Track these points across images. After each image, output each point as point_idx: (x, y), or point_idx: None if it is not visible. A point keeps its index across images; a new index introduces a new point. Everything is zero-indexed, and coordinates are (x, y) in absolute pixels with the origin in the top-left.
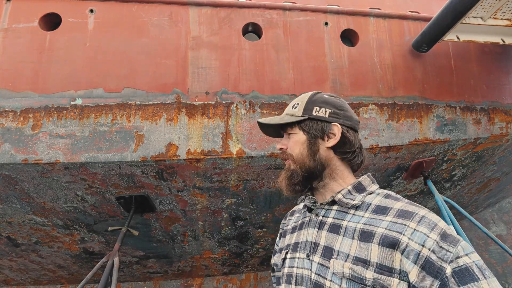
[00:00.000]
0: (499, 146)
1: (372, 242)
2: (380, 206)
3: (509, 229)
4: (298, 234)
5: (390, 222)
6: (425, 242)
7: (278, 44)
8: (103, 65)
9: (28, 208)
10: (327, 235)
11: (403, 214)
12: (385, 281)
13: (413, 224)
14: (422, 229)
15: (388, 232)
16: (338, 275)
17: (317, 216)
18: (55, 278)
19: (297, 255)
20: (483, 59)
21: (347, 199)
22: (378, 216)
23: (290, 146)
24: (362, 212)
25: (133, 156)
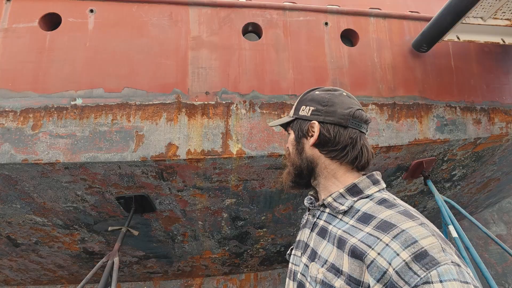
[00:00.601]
0: (499, 146)
1: (344, 252)
2: (367, 214)
3: (509, 229)
4: (301, 233)
5: (366, 233)
6: (392, 260)
7: (278, 44)
8: (103, 65)
9: (28, 208)
10: (315, 238)
11: (382, 225)
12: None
13: (387, 238)
14: (394, 245)
15: (358, 244)
16: (313, 278)
17: (314, 217)
18: (55, 278)
19: (296, 252)
20: (483, 59)
21: (337, 203)
22: (360, 225)
23: (288, 145)
24: (348, 219)
25: (133, 156)
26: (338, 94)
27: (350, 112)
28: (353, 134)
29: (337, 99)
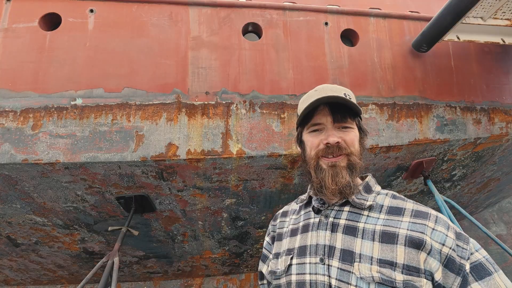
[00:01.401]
0: (499, 146)
1: (397, 244)
2: (393, 207)
3: (509, 229)
4: (303, 237)
5: (409, 222)
6: (445, 241)
7: (278, 44)
8: (103, 65)
9: (28, 208)
10: (343, 237)
11: (418, 214)
12: (416, 282)
13: (431, 223)
14: (440, 228)
15: (411, 233)
16: (366, 279)
17: (327, 217)
18: (55, 278)
19: (307, 260)
20: (483, 59)
21: (360, 200)
22: (395, 217)
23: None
24: (376, 214)
25: (133, 156)
26: None
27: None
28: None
29: None
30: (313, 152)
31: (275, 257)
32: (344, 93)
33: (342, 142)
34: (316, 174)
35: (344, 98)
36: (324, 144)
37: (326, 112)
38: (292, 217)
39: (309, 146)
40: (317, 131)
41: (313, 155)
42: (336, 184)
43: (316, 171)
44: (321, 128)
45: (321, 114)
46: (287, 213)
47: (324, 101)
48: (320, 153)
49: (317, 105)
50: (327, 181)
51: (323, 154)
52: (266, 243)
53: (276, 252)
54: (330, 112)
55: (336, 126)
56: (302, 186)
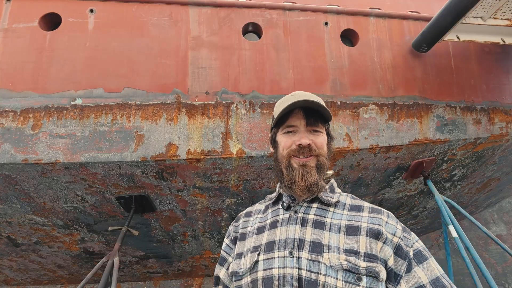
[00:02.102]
0: (499, 146)
1: (360, 235)
2: (354, 205)
3: (509, 229)
4: (272, 233)
5: (369, 217)
6: (396, 232)
7: (278, 44)
8: (103, 65)
9: (28, 208)
10: (312, 231)
11: (374, 210)
12: (376, 267)
13: (385, 218)
14: (391, 222)
15: (371, 225)
16: (335, 267)
17: (296, 213)
18: (55, 278)
19: (275, 254)
20: (483, 59)
21: (327, 197)
22: (356, 213)
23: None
24: (340, 210)
25: (133, 156)
26: None
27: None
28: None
29: None
30: (286, 152)
31: (238, 257)
32: (317, 100)
33: (312, 144)
34: (287, 172)
35: (318, 104)
36: (297, 145)
37: (301, 116)
38: (257, 216)
39: (282, 146)
40: (290, 133)
41: (285, 155)
42: (305, 182)
43: (288, 169)
44: (294, 130)
45: (295, 117)
46: (251, 213)
47: (301, 105)
48: (292, 153)
49: (293, 109)
50: (297, 178)
51: (295, 154)
52: (226, 245)
53: (239, 252)
54: (304, 116)
55: (308, 129)
56: None
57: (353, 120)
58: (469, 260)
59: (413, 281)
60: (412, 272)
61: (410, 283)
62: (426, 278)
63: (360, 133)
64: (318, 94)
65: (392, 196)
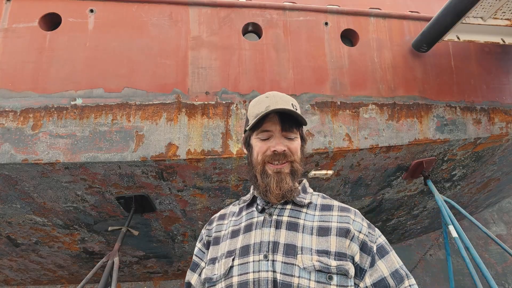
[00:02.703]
0: (499, 146)
1: (330, 235)
2: (325, 204)
3: (509, 229)
4: (246, 237)
5: (338, 216)
6: (361, 229)
7: (278, 44)
8: (103, 65)
9: (28, 208)
10: (286, 233)
11: (343, 209)
12: (345, 265)
13: (352, 216)
14: (358, 219)
15: (340, 224)
16: (308, 269)
17: (271, 215)
18: (55, 278)
19: (250, 258)
20: (483, 59)
21: (300, 199)
22: (327, 212)
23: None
24: (312, 211)
25: (133, 156)
26: None
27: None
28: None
29: None
30: (260, 158)
31: (211, 262)
32: (291, 104)
33: (287, 151)
34: (262, 179)
35: (294, 111)
36: (272, 151)
37: (276, 121)
38: (231, 219)
39: (256, 151)
40: (265, 138)
41: (260, 161)
42: (280, 189)
43: (262, 176)
44: (269, 135)
45: (271, 122)
46: (225, 216)
47: (277, 111)
48: (267, 159)
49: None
50: (272, 186)
51: (270, 160)
52: (198, 250)
53: (212, 257)
54: (280, 121)
55: (283, 135)
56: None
57: (353, 120)
58: (469, 260)
59: (376, 274)
60: (375, 266)
61: (374, 277)
62: (387, 271)
63: (360, 133)
64: (318, 94)
65: (392, 196)
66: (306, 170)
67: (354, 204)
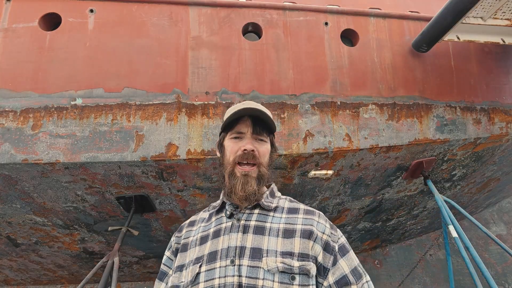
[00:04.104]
0: (499, 146)
1: (295, 237)
2: (291, 208)
3: (509, 229)
4: (214, 243)
5: (303, 218)
6: (324, 230)
7: (278, 44)
8: (103, 65)
9: (28, 208)
10: (253, 237)
11: (308, 212)
12: (307, 265)
13: (316, 218)
14: (321, 221)
15: (304, 227)
16: (272, 271)
17: (239, 220)
18: (55, 278)
19: (217, 264)
20: (483, 59)
21: (267, 203)
22: (293, 215)
23: (262, 152)
24: (279, 214)
25: (133, 156)
26: None
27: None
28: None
29: None
30: (231, 158)
31: (179, 269)
32: (265, 112)
33: (256, 152)
34: (229, 180)
35: (266, 114)
36: (242, 151)
37: (248, 123)
38: (200, 225)
39: (228, 151)
40: (237, 139)
41: (231, 161)
42: (244, 191)
43: (230, 177)
44: (241, 137)
45: (243, 124)
46: (195, 222)
47: (249, 112)
48: (237, 159)
49: (242, 115)
50: (237, 187)
51: (240, 159)
52: (167, 258)
53: (180, 264)
54: (251, 124)
55: (254, 137)
56: (302, 186)
57: (353, 120)
58: (469, 260)
59: (338, 272)
60: (337, 264)
61: (336, 275)
62: (347, 268)
63: (360, 133)
64: (318, 94)
65: (392, 196)
66: (306, 170)
67: (354, 204)
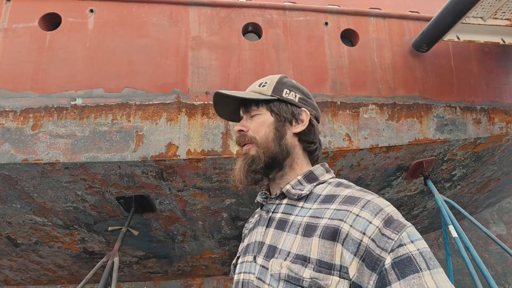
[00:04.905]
0: (499, 146)
1: (314, 236)
2: (329, 195)
3: (509, 229)
4: (251, 235)
5: (334, 210)
6: (367, 229)
7: (278, 44)
8: (103, 65)
9: (28, 208)
10: (273, 232)
11: (348, 200)
12: (322, 280)
13: (357, 209)
14: (365, 214)
15: (330, 222)
16: (275, 276)
17: (268, 212)
18: (55, 278)
19: (246, 258)
20: (483, 59)
21: (296, 190)
22: (325, 205)
23: (253, 128)
24: (310, 204)
25: (133, 156)
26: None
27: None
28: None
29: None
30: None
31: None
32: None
33: (245, 130)
34: None
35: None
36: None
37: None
38: (256, 215)
39: None
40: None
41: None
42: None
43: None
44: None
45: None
46: (256, 212)
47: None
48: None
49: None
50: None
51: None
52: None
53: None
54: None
55: (246, 116)
56: None
57: (353, 120)
58: (469, 260)
59: None
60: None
61: None
62: None
63: (360, 133)
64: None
65: (392, 196)
66: None
67: None
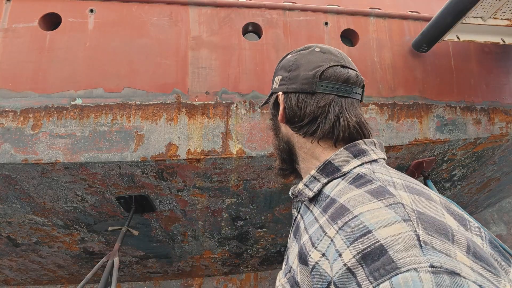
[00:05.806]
0: (499, 146)
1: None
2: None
3: (509, 229)
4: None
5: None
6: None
7: (278, 44)
8: (103, 65)
9: (28, 208)
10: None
11: (336, 213)
12: None
13: (333, 231)
14: (338, 240)
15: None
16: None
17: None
18: (55, 278)
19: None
20: (483, 59)
21: (308, 190)
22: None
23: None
24: (316, 209)
25: (133, 156)
26: (307, 52)
27: (316, 73)
28: (324, 101)
29: (304, 59)
30: None
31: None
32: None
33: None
34: None
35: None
36: None
37: None
38: None
39: None
40: None
41: None
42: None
43: None
44: None
45: None
46: None
47: None
48: None
49: None
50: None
51: None
52: None
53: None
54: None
55: None
56: None
57: None
58: None
59: None
60: None
61: None
62: None
63: None
64: None
65: None
66: None
67: None
